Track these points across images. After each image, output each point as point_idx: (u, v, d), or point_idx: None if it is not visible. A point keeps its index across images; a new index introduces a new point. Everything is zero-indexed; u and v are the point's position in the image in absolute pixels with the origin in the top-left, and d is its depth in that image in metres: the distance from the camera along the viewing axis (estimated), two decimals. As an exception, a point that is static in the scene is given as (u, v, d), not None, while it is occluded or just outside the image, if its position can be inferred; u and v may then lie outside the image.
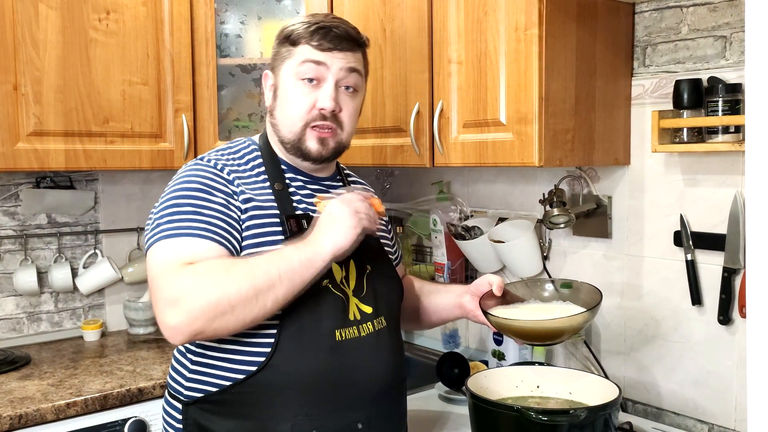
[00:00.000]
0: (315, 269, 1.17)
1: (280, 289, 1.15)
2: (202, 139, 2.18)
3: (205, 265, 1.15)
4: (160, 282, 1.16)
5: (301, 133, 1.32)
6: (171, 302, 1.13)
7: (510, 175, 2.09)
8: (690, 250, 1.64)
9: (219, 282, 1.12)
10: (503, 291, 1.41)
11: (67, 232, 2.34)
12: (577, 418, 1.25)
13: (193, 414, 1.26)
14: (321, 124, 1.31)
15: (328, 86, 1.31)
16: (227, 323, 1.13)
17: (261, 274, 1.13)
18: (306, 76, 1.30)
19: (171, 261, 1.17)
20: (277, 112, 1.35)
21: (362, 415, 1.26)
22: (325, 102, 1.30)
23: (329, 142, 1.33)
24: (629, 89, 1.74)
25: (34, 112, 1.91)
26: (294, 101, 1.32)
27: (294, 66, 1.31)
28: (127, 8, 2.05)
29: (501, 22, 1.60)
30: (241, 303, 1.12)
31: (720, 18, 1.57)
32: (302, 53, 1.31)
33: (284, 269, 1.14)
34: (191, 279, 1.13)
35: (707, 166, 1.61)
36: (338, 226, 1.17)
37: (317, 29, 1.30)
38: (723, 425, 1.61)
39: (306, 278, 1.17)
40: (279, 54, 1.35)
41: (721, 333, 1.60)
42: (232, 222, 1.23)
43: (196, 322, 1.11)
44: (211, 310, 1.11)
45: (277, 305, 1.16)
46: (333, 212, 1.19)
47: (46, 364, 2.04)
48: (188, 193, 1.24)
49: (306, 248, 1.17)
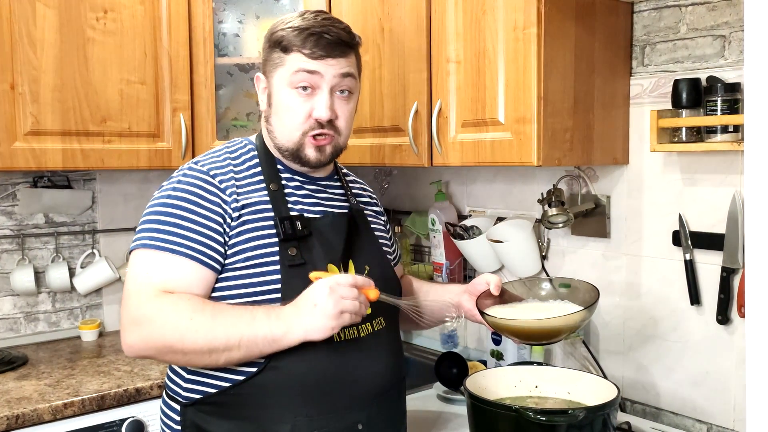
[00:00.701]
0: (277, 348, 1.17)
1: (236, 354, 1.17)
2: (200, 138, 2.18)
3: (175, 302, 1.18)
4: (130, 299, 1.21)
5: (299, 142, 1.31)
6: (134, 323, 1.19)
7: (508, 175, 2.09)
8: (689, 250, 1.63)
9: (179, 326, 1.16)
10: (501, 290, 1.41)
11: (64, 232, 2.33)
12: (575, 418, 1.25)
13: (192, 415, 1.26)
14: (319, 133, 1.30)
15: (323, 95, 1.29)
16: (176, 361, 1.23)
17: (221, 335, 1.15)
18: (299, 85, 1.29)
19: (144, 281, 1.21)
20: (272, 119, 1.34)
21: (362, 415, 1.26)
22: (322, 112, 1.29)
23: (326, 148, 1.32)
24: (628, 89, 1.74)
25: (32, 112, 1.91)
26: (289, 111, 1.30)
27: (287, 75, 1.29)
28: (124, 7, 2.05)
29: (499, 21, 1.60)
30: (193, 353, 1.17)
31: (719, 17, 1.57)
32: (294, 62, 1.28)
33: (247, 338, 1.16)
34: (156, 312, 1.17)
35: (706, 165, 1.60)
36: (317, 318, 1.14)
37: (308, 36, 1.27)
38: (721, 425, 1.61)
39: (264, 352, 1.18)
40: (270, 60, 1.33)
41: (719, 333, 1.60)
42: (214, 236, 1.23)
43: (149, 351, 1.19)
44: (165, 347, 1.17)
45: (230, 365, 1.20)
46: (316, 299, 1.14)
47: (43, 364, 2.04)
48: (173, 202, 1.24)
49: (277, 326, 1.15)
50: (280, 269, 1.24)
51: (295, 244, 1.26)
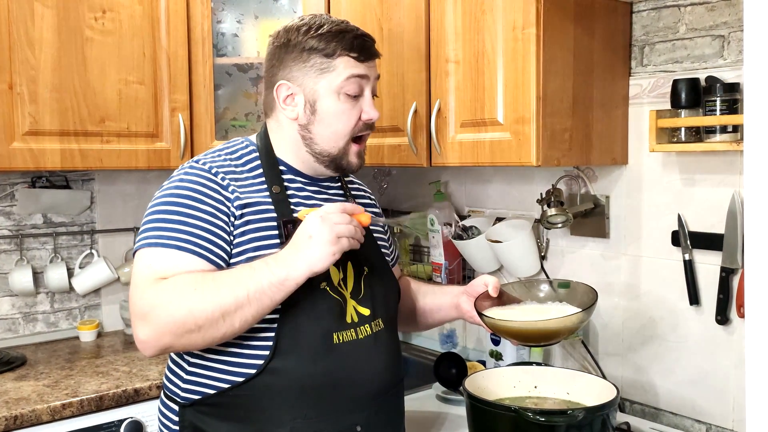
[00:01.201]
0: (286, 291, 1.15)
1: (249, 310, 1.14)
2: (199, 138, 2.17)
3: (174, 281, 1.15)
4: (134, 295, 1.18)
5: (345, 148, 1.32)
6: (141, 317, 1.16)
7: (507, 175, 2.09)
8: (688, 250, 1.63)
9: (185, 300, 1.13)
10: (499, 292, 1.41)
11: (63, 232, 2.33)
12: (574, 419, 1.25)
13: (190, 416, 1.26)
14: (362, 135, 1.34)
15: (368, 97, 1.32)
16: (195, 340, 1.15)
17: (228, 295, 1.13)
18: (353, 92, 1.29)
19: (146, 274, 1.18)
20: (316, 128, 1.31)
21: (361, 417, 1.26)
22: (373, 113, 1.32)
23: (363, 152, 1.36)
24: (627, 89, 1.74)
25: (30, 112, 1.90)
26: (341, 117, 1.30)
27: (337, 81, 1.28)
28: (123, 7, 2.05)
29: (498, 21, 1.60)
30: (207, 323, 1.13)
31: (718, 17, 1.57)
32: (344, 67, 1.28)
33: (254, 290, 1.13)
34: (159, 295, 1.15)
35: (705, 165, 1.60)
36: (315, 247, 1.13)
37: (354, 38, 1.29)
38: (721, 425, 1.61)
39: (276, 300, 1.15)
40: (309, 66, 1.29)
41: (718, 333, 1.60)
42: (219, 232, 1.22)
43: (164, 338, 1.14)
44: (178, 327, 1.13)
45: (246, 325, 1.16)
46: (311, 230, 1.14)
47: (41, 365, 2.03)
48: (177, 200, 1.23)
49: (279, 269, 1.13)
50: None
51: None
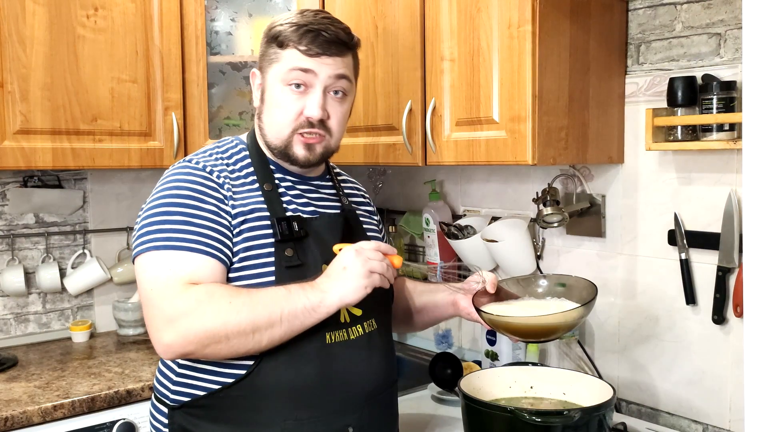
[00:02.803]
0: (317, 318, 1.16)
1: (279, 330, 1.15)
2: (192, 137, 2.16)
3: (209, 290, 1.15)
4: (158, 299, 1.16)
5: (288, 140, 1.29)
6: (169, 321, 1.14)
7: (503, 174, 2.08)
8: (684, 249, 1.63)
9: (220, 312, 1.13)
10: (497, 288, 1.40)
11: (55, 232, 2.31)
12: (570, 419, 1.24)
13: (179, 419, 1.25)
14: (309, 131, 1.29)
15: (315, 94, 1.27)
16: (219, 351, 1.15)
17: (263, 312, 1.14)
18: (293, 82, 1.27)
19: (169, 278, 1.16)
20: (264, 116, 1.32)
21: (353, 418, 1.24)
22: (313, 111, 1.27)
23: (316, 147, 1.30)
24: (623, 87, 1.73)
25: (21, 110, 1.88)
26: (281, 107, 1.29)
27: (281, 71, 1.28)
28: (115, 4, 2.03)
29: (494, 18, 1.59)
30: (237, 336, 1.13)
31: (714, 15, 1.56)
32: (290, 58, 1.27)
33: (288, 311, 1.14)
34: (193, 303, 1.14)
35: (701, 164, 1.60)
36: (348, 280, 1.16)
37: (306, 32, 1.26)
38: (717, 425, 1.60)
39: (306, 325, 1.17)
40: (266, 54, 1.32)
41: (715, 332, 1.59)
42: (223, 230, 1.21)
43: (189, 346, 1.14)
44: (207, 337, 1.13)
45: (272, 345, 1.17)
46: (346, 264, 1.16)
47: (33, 366, 2.01)
48: (178, 200, 1.21)
49: (314, 295, 1.16)
50: (275, 270, 1.22)
51: (292, 245, 1.24)
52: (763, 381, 0.83)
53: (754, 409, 0.83)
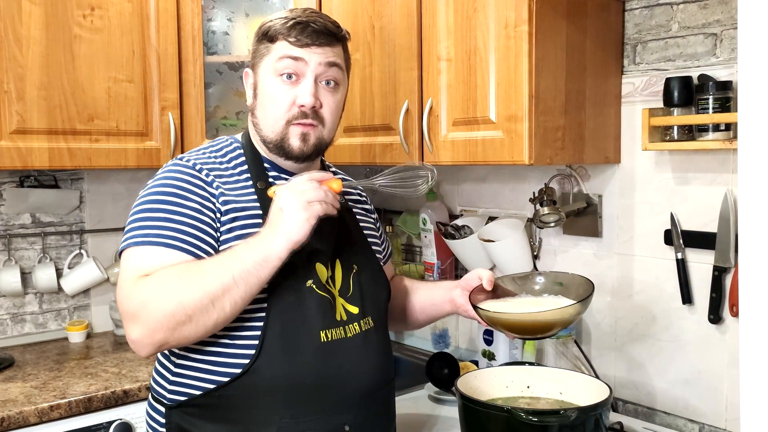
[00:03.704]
0: (271, 268, 1.14)
1: (237, 293, 1.13)
2: (189, 137, 2.16)
3: (159, 275, 1.15)
4: (120, 296, 1.17)
5: (284, 132, 1.29)
6: (130, 316, 1.15)
7: (500, 174, 2.08)
8: (680, 249, 1.63)
9: (172, 292, 1.12)
10: (494, 285, 1.40)
11: (51, 232, 2.31)
12: (567, 419, 1.24)
13: (176, 418, 1.24)
14: (302, 122, 1.29)
15: (307, 82, 1.28)
16: (189, 332, 1.14)
17: (214, 280, 1.12)
18: (284, 72, 1.27)
19: (131, 273, 1.17)
20: (258, 111, 1.32)
21: (349, 417, 1.24)
22: (305, 98, 1.27)
23: (310, 138, 1.30)
24: (619, 87, 1.73)
25: (17, 110, 1.88)
26: (274, 99, 1.29)
27: (272, 63, 1.29)
28: (112, 4, 2.03)
29: (490, 18, 1.59)
30: (198, 311, 1.12)
31: (710, 15, 1.57)
32: (280, 49, 1.28)
33: (238, 271, 1.12)
34: (146, 291, 1.14)
35: (697, 164, 1.60)
36: (289, 219, 1.13)
37: (294, 24, 1.28)
38: (714, 425, 1.60)
39: (263, 278, 1.14)
40: (258, 51, 1.33)
41: (711, 332, 1.60)
42: (204, 228, 1.21)
43: (157, 334, 1.13)
44: (169, 321, 1.12)
45: (237, 308, 1.15)
46: (282, 204, 1.14)
47: (29, 366, 2.01)
48: (161, 197, 1.22)
49: (259, 247, 1.13)
50: None
51: None
52: (759, 380, 0.83)
53: (750, 408, 0.84)
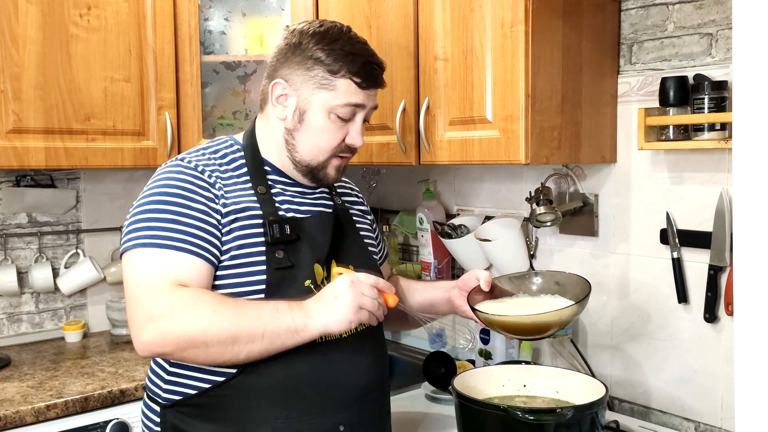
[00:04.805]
0: (299, 340, 1.16)
1: (259, 346, 1.15)
2: (186, 137, 2.15)
3: (194, 295, 1.15)
4: (143, 297, 1.16)
5: (325, 162, 1.32)
6: (151, 319, 1.14)
7: (496, 173, 2.08)
8: (676, 248, 1.63)
9: (203, 318, 1.13)
10: (491, 286, 1.41)
11: (48, 232, 2.31)
12: (563, 417, 1.24)
13: (171, 417, 1.24)
14: (346, 155, 1.34)
15: (358, 124, 1.32)
16: (196, 357, 1.16)
17: (246, 325, 1.13)
18: (343, 115, 1.29)
19: (155, 276, 1.16)
20: (300, 136, 1.31)
21: (344, 417, 1.25)
22: (357, 140, 1.31)
23: (343, 167, 1.36)
24: (615, 87, 1.74)
25: (13, 109, 1.88)
26: (325, 135, 1.30)
27: (333, 101, 1.28)
28: (108, 4, 2.02)
29: (487, 18, 1.59)
30: (216, 345, 1.13)
31: (706, 15, 1.57)
32: (344, 91, 1.27)
33: (271, 329, 1.14)
34: (177, 305, 1.14)
35: (693, 163, 1.61)
36: (337, 311, 1.14)
37: (362, 64, 1.28)
38: (709, 423, 1.61)
39: (287, 345, 1.16)
40: (310, 76, 1.28)
41: (707, 331, 1.60)
42: (211, 230, 1.21)
43: (168, 346, 1.14)
44: (186, 341, 1.13)
45: (250, 359, 1.17)
46: (338, 293, 1.15)
47: (26, 366, 2.01)
48: (167, 198, 1.21)
49: (299, 317, 1.15)
50: (266, 270, 1.22)
51: (283, 247, 1.24)
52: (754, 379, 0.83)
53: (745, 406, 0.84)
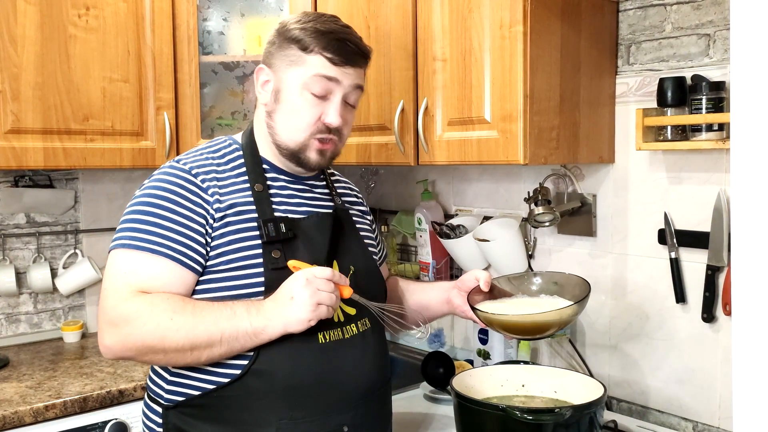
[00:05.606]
0: (258, 342, 1.18)
1: (218, 350, 1.17)
2: (185, 137, 2.15)
3: (153, 302, 1.17)
4: (108, 299, 1.19)
5: (303, 144, 1.30)
6: (111, 323, 1.18)
7: (495, 174, 2.09)
8: (674, 248, 1.64)
9: (160, 326, 1.15)
10: (491, 286, 1.41)
11: (46, 232, 2.30)
12: (562, 417, 1.25)
13: (174, 419, 1.25)
14: (324, 138, 1.30)
15: (335, 102, 1.30)
16: (158, 361, 1.21)
17: (203, 333, 1.15)
18: (316, 91, 1.28)
19: (121, 281, 1.19)
20: (277, 116, 1.31)
21: (348, 417, 1.25)
22: (333, 118, 1.29)
23: (327, 152, 1.33)
24: (614, 87, 1.74)
25: (12, 110, 1.88)
26: (299, 112, 1.29)
27: (304, 77, 1.28)
28: (107, 4, 2.02)
29: (485, 18, 1.60)
30: (174, 352, 1.17)
31: (703, 16, 1.58)
32: (314, 65, 1.27)
33: (228, 334, 1.16)
34: (134, 312, 1.16)
35: (691, 164, 1.61)
36: (294, 310, 1.15)
37: (332, 39, 1.27)
38: (707, 423, 1.61)
39: (246, 347, 1.18)
40: (285, 55, 1.30)
41: (705, 331, 1.61)
42: (194, 236, 1.21)
43: (128, 352, 1.18)
44: (145, 348, 1.16)
45: (211, 360, 1.19)
46: (294, 292, 1.15)
47: (24, 366, 2.01)
48: (154, 201, 1.23)
49: (256, 320, 1.16)
50: (264, 271, 1.22)
51: (279, 247, 1.24)
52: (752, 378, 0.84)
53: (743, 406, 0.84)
